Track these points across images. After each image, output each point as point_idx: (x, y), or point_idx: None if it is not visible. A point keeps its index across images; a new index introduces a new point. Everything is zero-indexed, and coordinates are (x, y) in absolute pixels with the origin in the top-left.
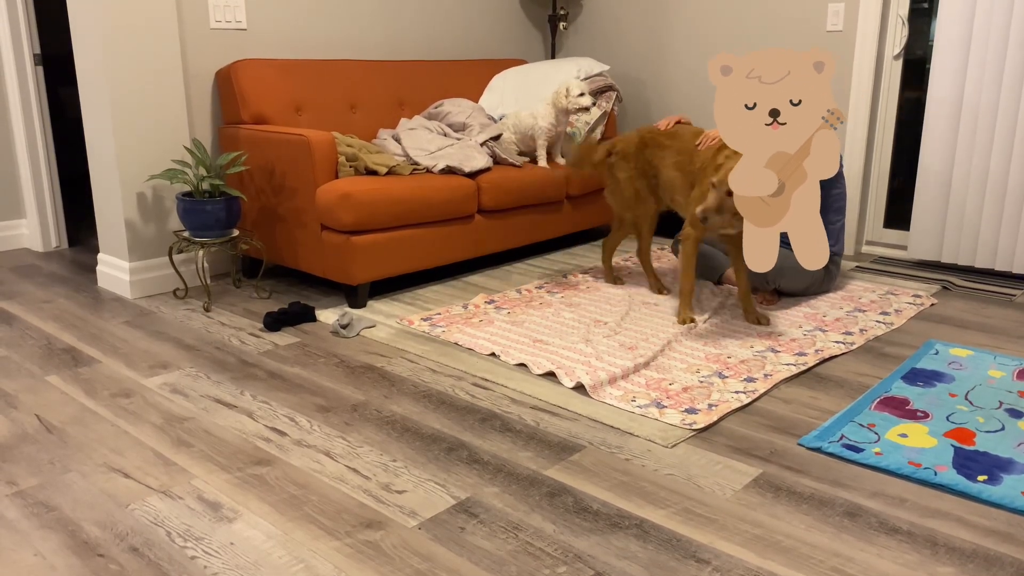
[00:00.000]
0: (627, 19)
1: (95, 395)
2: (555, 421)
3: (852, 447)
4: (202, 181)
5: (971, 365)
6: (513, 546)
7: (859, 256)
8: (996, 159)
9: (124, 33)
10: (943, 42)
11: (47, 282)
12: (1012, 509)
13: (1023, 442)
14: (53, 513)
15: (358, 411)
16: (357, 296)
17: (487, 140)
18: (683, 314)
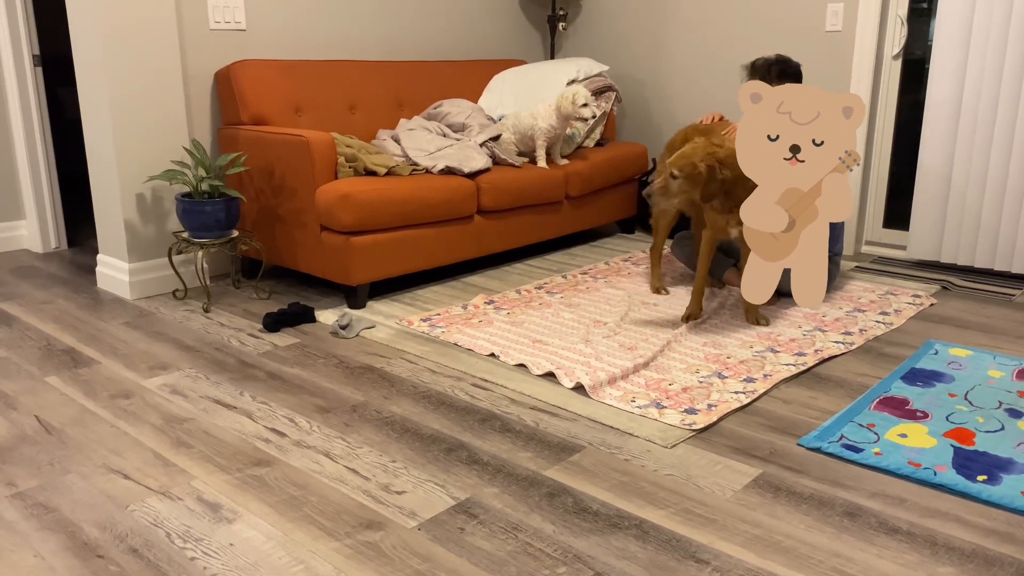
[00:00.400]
0: (626, 19)
1: (95, 396)
2: (554, 421)
3: (852, 447)
4: (201, 182)
5: (970, 365)
6: (513, 547)
7: (859, 256)
8: (995, 159)
9: (123, 34)
10: (942, 42)
11: (46, 283)
12: (1012, 509)
13: (1023, 442)
14: (53, 514)
15: (357, 412)
16: (356, 297)
17: (486, 140)
18: (689, 308)
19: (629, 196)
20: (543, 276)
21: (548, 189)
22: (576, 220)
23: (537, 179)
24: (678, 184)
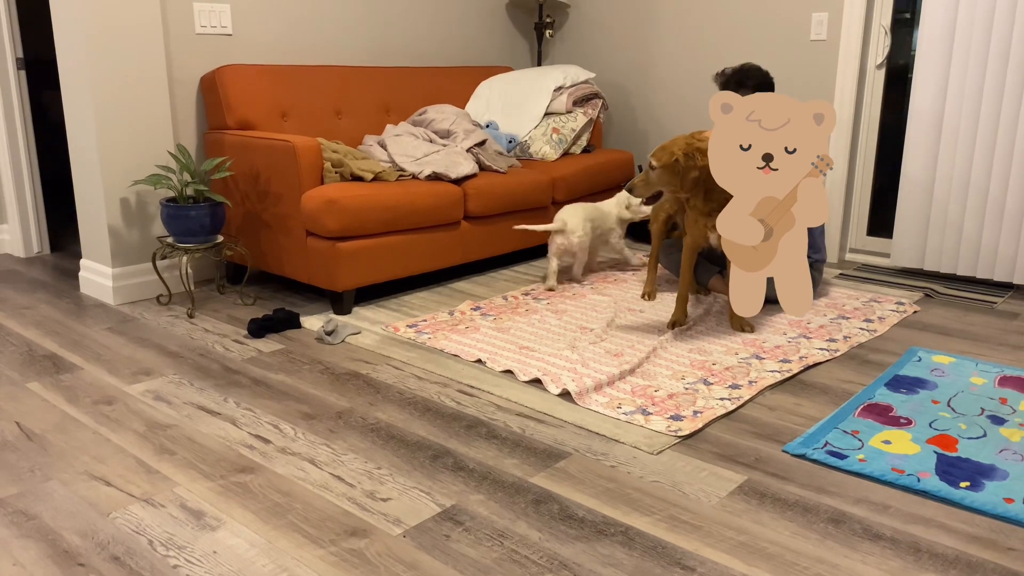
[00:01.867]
0: (613, 27)
1: (77, 402)
2: (541, 428)
3: (836, 454)
4: (186, 187)
5: (953, 372)
6: (498, 554)
7: (842, 264)
8: (977, 167)
9: (108, 37)
10: (925, 51)
11: (29, 288)
12: (994, 515)
13: (1004, 449)
14: (33, 522)
15: (343, 418)
16: (342, 303)
17: (472, 146)
18: (674, 315)
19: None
20: (530, 282)
21: (535, 195)
22: None
23: (523, 185)
24: (657, 174)
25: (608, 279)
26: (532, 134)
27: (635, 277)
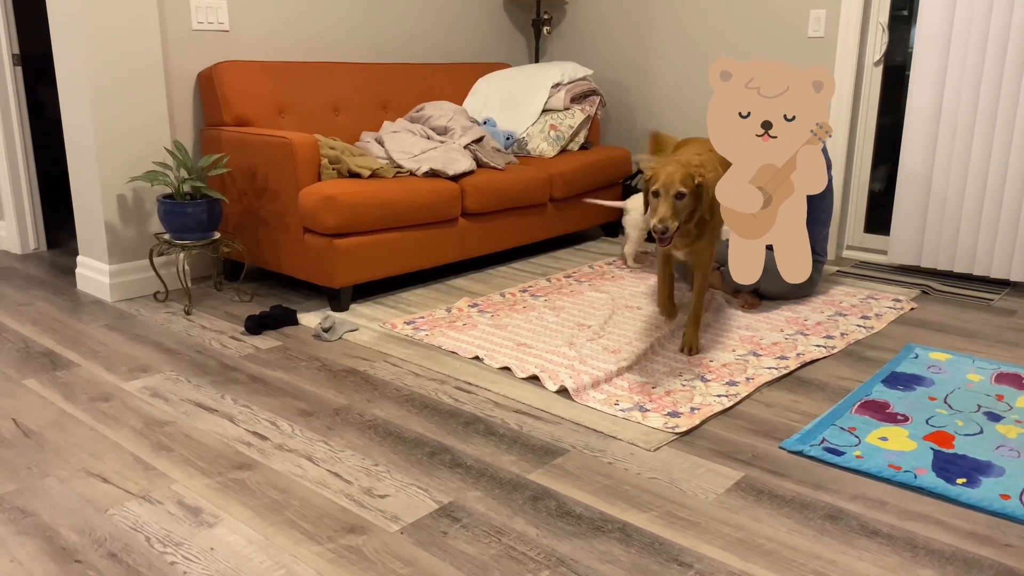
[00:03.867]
0: (611, 24)
1: (74, 399)
2: (538, 425)
3: (833, 450)
4: (183, 183)
5: (950, 369)
6: (496, 550)
7: (840, 261)
8: (975, 165)
9: (105, 34)
10: (922, 49)
11: (25, 285)
12: (991, 512)
13: (1001, 445)
14: (30, 519)
15: (340, 415)
16: (340, 299)
17: (469, 143)
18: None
19: (612, 199)
20: (527, 279)
21: (532, 192)
22: (560, 223)
23: (521, 182)
24: (685, 203)
25: (606, 276)
26: (530, 131)
27: (633, 275)
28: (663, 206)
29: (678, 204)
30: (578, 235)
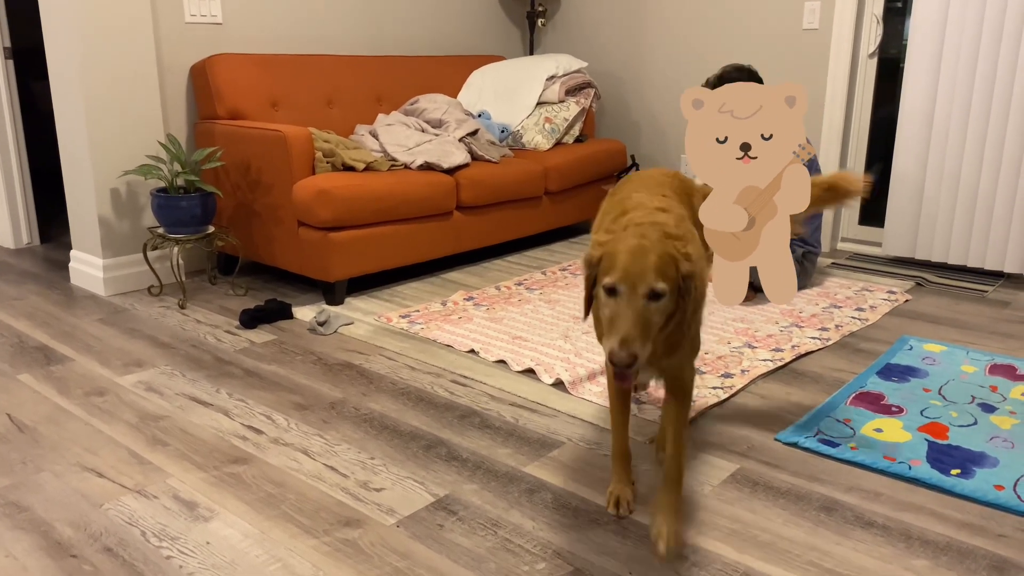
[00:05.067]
0: (605, 16)
1: (68, 394)
2: (534, 418)
3: (828, 442)
4: (177, 177)
5: (944, 360)
6: (492, 543)
7: (834, 253)
8: (969, 156)
9: (97, 26)
10: (917, 41)
11: (18, 279)
12: (985, 503)
13: (995, 436)
14: (25, 513)
15: (336, 409)
16: (335, 293)
17: (464, 136)
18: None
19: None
20: (522, 272)
21: (527, 185)
22: (555, 216)
23: (516, 175)
24: (662, 307)
25: None
26: (525, 123)
27: None
28: (625, 318)
29: (651, 312)
30: (573, 228)
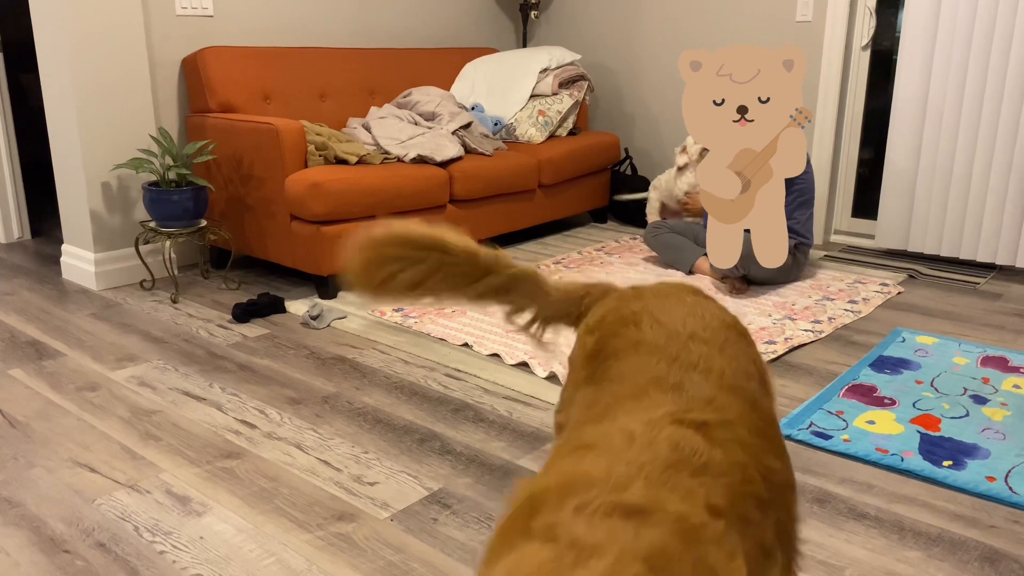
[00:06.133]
0: (598, 8)
1: (60, 389)
2: (528, 411)
3: (821, 434)
4: (168, 170)
5: (936, 352)
6: (486, 536)
7: (828, 245)
8: (961, 149)
9: (87, 19)
10: (910, 33)
11: (9, 274)
12: (977, 494)
13: (987, 428)
14: (17, 509)
15: (329, 403)
16: (328, 287)
17: (457, 129)
18: None
19: (602, 186)
20: None
21: (521, 178)
22: (549, 209)
23: (510, 168)
24: None
25: (595, 262)
26: (518, 116)
27: (621, 260)
28: None
29: None
30: (567, 221)
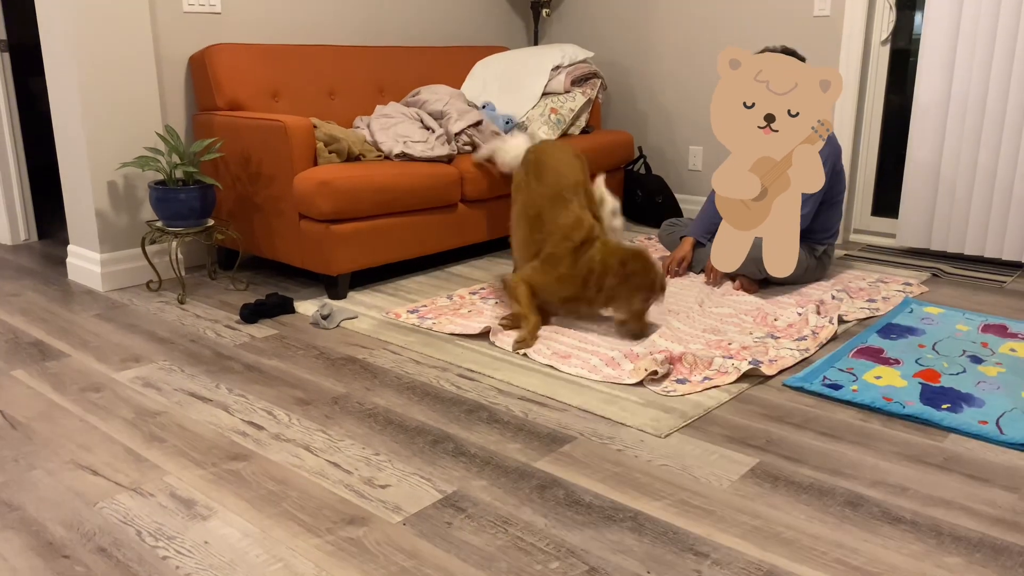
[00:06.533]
0: (611, 5)
1: (63, 390)
2: (544, 412)
3: (833, 385)
4: (175, 169)
5: (941, 321)
6: (503, 541)
7: (847, 244)
8: (985, 147)
9: (93, 16)
10: (931, 29)
11: (15, 275)
12: (968, 434)
13: (982, 382)
14: (16, 512)
15: (339, 404)
16: (337, 287)
17: (467, 127)
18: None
19: (615, 185)
20: None
21: None
22: None
23: None
24: None
25: None
26: (530, 114)
27: None
28: None
29: None
30: None
